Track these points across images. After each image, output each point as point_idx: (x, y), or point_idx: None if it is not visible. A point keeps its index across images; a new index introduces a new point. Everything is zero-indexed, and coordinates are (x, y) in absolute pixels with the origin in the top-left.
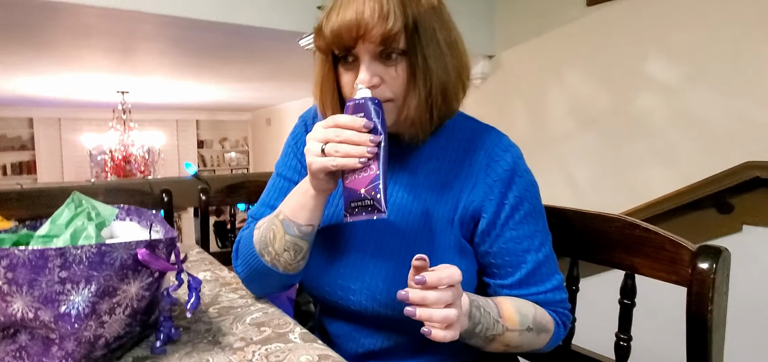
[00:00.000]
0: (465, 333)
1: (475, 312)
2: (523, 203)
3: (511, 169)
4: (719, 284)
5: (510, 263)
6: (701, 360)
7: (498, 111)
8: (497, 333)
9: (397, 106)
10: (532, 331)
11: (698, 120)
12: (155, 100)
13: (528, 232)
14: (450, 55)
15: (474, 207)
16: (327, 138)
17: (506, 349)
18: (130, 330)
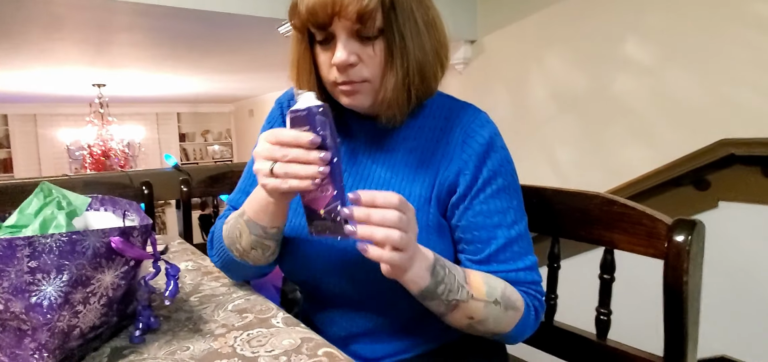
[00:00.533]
0: (427, 291)
1: (439, 270)
2: (496, 178)
3: (487, 143)
4: (694, 255)
5: (479, 237)
6: (678, 329)
7: (480, 96)
8: (461, 298)
9: (374, 87)
10: (499, 305)
11: (675, 99)
12: (134, 93)
13: (500, 207)
14: (427, 35)
15: (449, 182)
16: (273, 156)
17: (470, 324)
18: (106, 320)
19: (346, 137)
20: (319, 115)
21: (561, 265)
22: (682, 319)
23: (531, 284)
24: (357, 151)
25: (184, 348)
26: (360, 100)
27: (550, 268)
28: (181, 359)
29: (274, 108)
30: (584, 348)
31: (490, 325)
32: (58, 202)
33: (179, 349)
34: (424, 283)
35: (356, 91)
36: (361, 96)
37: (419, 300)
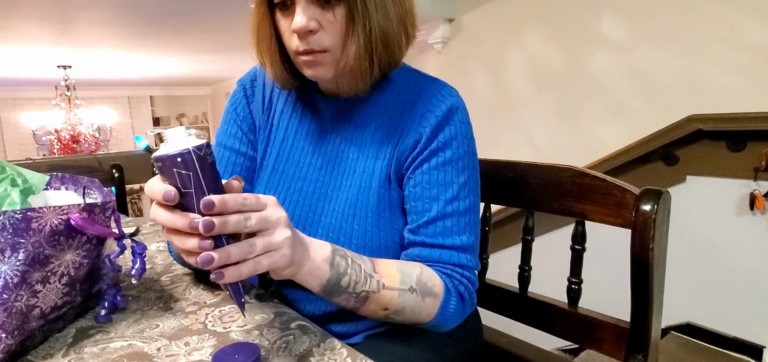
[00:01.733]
0: (329, 285)
1: (340, 261)
2: (445, 149)
3: (445, 114)
4: (660, 223)
5: (415, 209)
6: (643, 295)
7: (459, 75)
8: (371, 289)
9: (335, 57)
10: (415, 293)
11: (647, 76)
12: (103, 75)
13: (442, 180)
14: (391, 1)
15: (405, 154)
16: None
17: (386, 315)
18: (69, 299)
19: (313, 114)
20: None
21: (536, 240)
22: (648, 285)
23: (456, 266)
24: (325, 129)
25: (154, 326)
26: (322, 72)
27: (524, 241)
28: (150, 336)
29: (236, 89)
30: (556, 317)
31: (408, 314)
32: (11, 180)
33: (148, 327)
34: (324, 276)
35: (317, 62)
36: (323, 67)
37: (325, 297)
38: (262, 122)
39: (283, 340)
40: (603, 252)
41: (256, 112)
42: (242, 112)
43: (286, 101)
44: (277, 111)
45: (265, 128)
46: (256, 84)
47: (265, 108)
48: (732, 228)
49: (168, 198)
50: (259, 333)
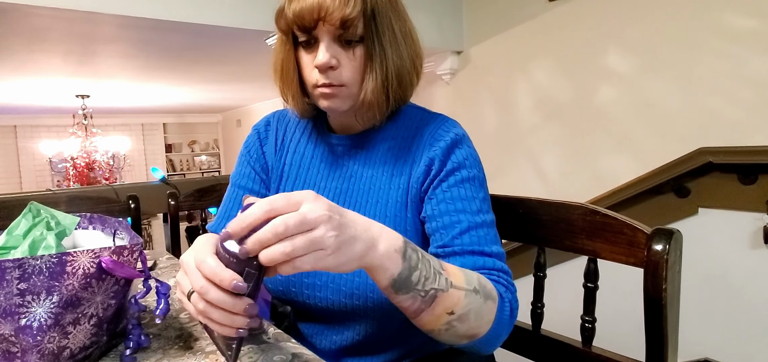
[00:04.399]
0: (400, 280)
1: (411, 254)
2: (460, 169)
3: (453, 140)
4: (672, 263)
5: (443, 224)
6: (658, 335)
7: (467, 106)
8: (440, 287)
9: (352, 92)
10: (480, 295)
11: (655, 109)
12: (118, 104)
13: (464, 195)
14: (404, 44)
15: (419, 180)
16: (194, 286)
17: (449, 322)
18: (96, 339)
19: (325, 151)
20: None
21: (549, 271)
22: (662, 325)
23: (501, 272)
24: (338, 164)
25: None
26: (337, 104)
27: (536, 277)
28: None
29: (251, 133)
30: (570, 356)
31: (472, 320)
32: (46, 222)
33: None
34: (397, 269)
35: (334, 95)
36: (339, 99)
37: (392, 295)
38: (275, 163)
39: None
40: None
41: (269, 154)
42: (256, 154)
43: (299, 142)
44: (289, 151)
45: (277, 168)
46: (270, 128)
47: (278, 149)
48: (746, 262)
49: (239, 289)
50: None
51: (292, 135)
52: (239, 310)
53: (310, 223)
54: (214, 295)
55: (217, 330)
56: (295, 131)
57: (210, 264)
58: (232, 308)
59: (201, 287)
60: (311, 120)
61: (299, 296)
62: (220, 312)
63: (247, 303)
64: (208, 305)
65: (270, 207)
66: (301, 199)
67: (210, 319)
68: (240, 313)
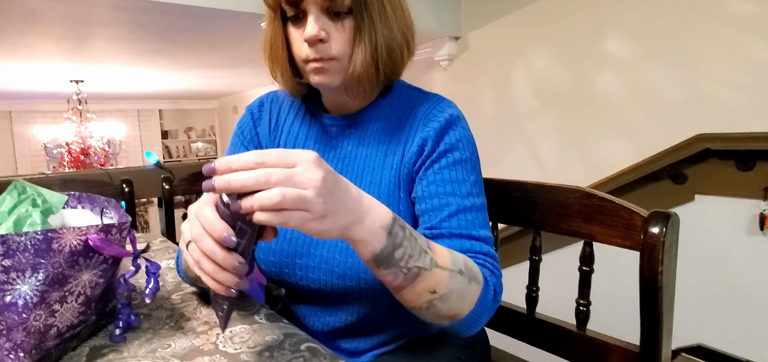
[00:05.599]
0: (382, 255)
1: (398, 231)
2: (452, 151)
3: (447, 121)
4: (669, 246)
5: (432, 206)
6: (653, 318)
7: (465, 92)
8: (424, 266)
9: (343, 65)
10: (464, 276)
11: (654, 95)
12: (114, 89)
13: (455, 178)
14: (394, 16)
15: (412, 160)
16: (191, 234)
17: (430, 301)
18: (84, 319)
19: (319, 131)
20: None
21: (543, 259)
22: (657, 308)
23: (487, 256)
24: (331, 145)
25: (166, 345)
26: (328, 78)
27: (532, 261)
28: (163, 357)
29: (244, 114)
30: (564, 339)
31: (454, 301)
32: (32, 200)
33: (160, 347)
34: (379, 245)
35: (325, 69)
36: (330, 74)
37: (374, 269)
38: (269, 143)
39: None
40: (611, 270)
41: (263, 134)
42: (249, 134)
43: (293, 122)
44: (283, 132)
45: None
46: (263, 109)
47: (272, 130)
48: (742, 248)
49: (227, 242)
50: (269, 355)
51: (286, 115)
52: (229, 266)
53: (302, 183)
54: (206, 245)
55: (208, 282)
56: (289, 112)
57: (206, 215)
58: (222, 262)
59: (196, 235)
60: (304, 101)
61: (292, 277)
62: (210, 264)
63: (237, 260)
64: (202, 255)
65: (261, 159)
66: (297, 160)
67: (202, 270)
68: (229, 269)
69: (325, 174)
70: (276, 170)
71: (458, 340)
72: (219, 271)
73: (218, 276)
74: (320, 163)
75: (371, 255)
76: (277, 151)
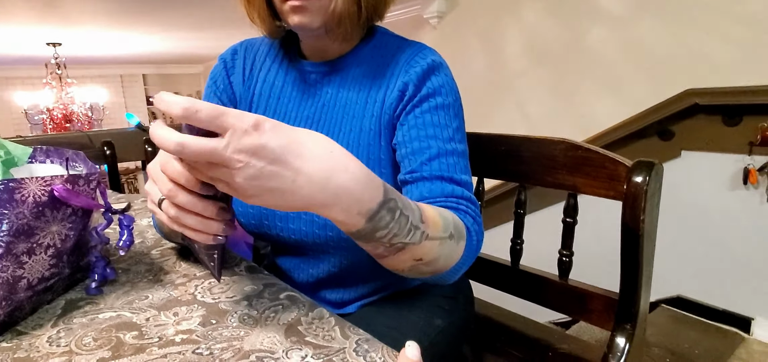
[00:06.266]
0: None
1: (383, 216)
2: (434, 96)
3: (429, 66)
4: (651, 194)
5: (412, 150)
6: (633, 265)
7: (455, 50)
8: (412, 241)
9: (322, 4)
10: (453, 239)
11: (644, 50)
12: (94, 53)
13: (436, 122)
14: None
15: (393, 105)
16: (162, 191)
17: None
18: (57, 271)
19: (297, 79)
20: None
21: (531, 218)
22: (638, 257)
23: (469, 202)
24: (310, 92)
25: (143, 297)
26: (309, 18)
27: (517, 214)
28: (140, 307)
29: (217, 64)
30: (547, 288)
31: (440, 263)
32: None
33: (138, 299)
34: (355, 228)
35: (304, 8)
36: (309, 14)
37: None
38: (243, 93)
39: (271, 310)
40: (598, 226)
41: (237, 83)
42: (222, 84)
43: (269, 70)
44: (259, 80)
45: (246, 98)
46: (237, 57)
47: (246, 79)
48: (725, 202)
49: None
50: (247, 304)
51: (261, 63)
52: (211, 214)
53: (220, 159)
54: (182, 198)
55: (192, 236)
56: (265, 59)
57: (175, 166)
58: (204, 211)
59: (168, 191)
60: (282, 47)
61: (272, 228)
62: (192, 218)
63: (218, 206)
64: (180, 210)
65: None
66: (230, 126)
67: (184, 226)
68: (213, 217)
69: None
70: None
71: (442, 291)
72: (202, 221)
73: (202, 226)
74: (253, 135)
75: (347, 232)
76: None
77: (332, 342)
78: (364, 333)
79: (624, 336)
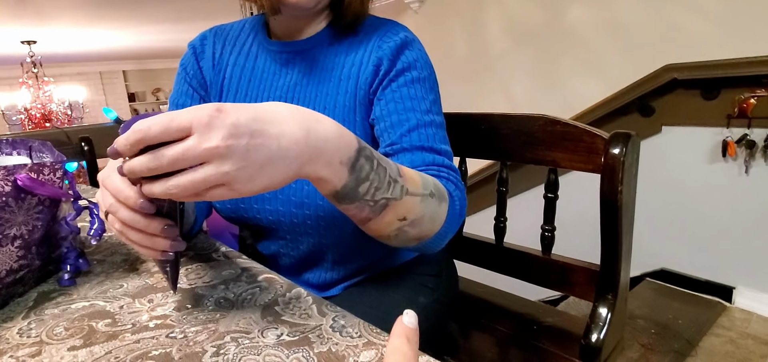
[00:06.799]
0: (343, 193)
1: (363, 164)
2: (410, 70)
3: (402, 41)
4: (629, 166)
5: (391, 123)
6: (612, 236)
7: (437, 34)
8: (393, 196)
9: None
10: (435, 198)
11: (623, 27)
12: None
13: (413, 95)
14: None
15: (368, 81)
16: (104, 205)
17: (400, 227)
18: (26, 263)
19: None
20: None
21: (516, 199)
22: (617, 228)
23: (450, 169)
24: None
25: (117, 286)
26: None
27: (499, 192)
28: (114, 296)
29: (186, 52)
30: (530, 264)
31: (425, 224)
32: None
33: (112, 288)
34: (340, 182)
35: None
36: None
37: (336, 204)
38: (214, 78)
39: (248, 292)
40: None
41: (207, 69)
42: (192, 70)
43: (239, 54)
44: (229, 65)
45: (216, 83)
46: (206, 42)
47: (216, 64)
48: (705, 175)
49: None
50: (224, 288)
51: (231, 48)
52: (156, 231)
53: (198, 157)
54: (124, 215)
55: (140, 252)
56: (235, 44)
57: (114, 181)
58: (147, 228)
59: (109, 206)
60: (252, 31)
61: (249, 212)
62: (136, 233)
63: (163, 223)
64: (124, 225)
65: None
66: (190, 123)
67: (129, 240)
68: (158, 234)
69: (228, 132)
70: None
71: (425, 269)
72: (146, 238)
73: (148, 242)
74: (221, 118)
75: (331, 193)
76: (160, 121)
77: (309, 320)
78: (342, 310)
79: (606, 306)
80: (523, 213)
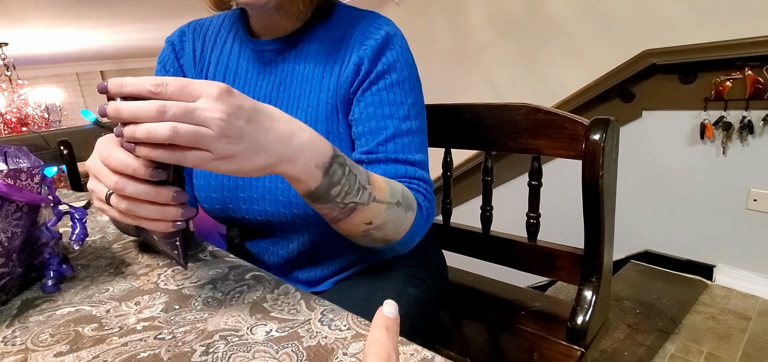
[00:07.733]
0: (316, 194)
1: (336, 169)
2: (390, 72)
3: (384, 39)
4: (609, 151)
5: (369, 129)
6: (595, 221)
7: (419, 26)
8: (361, 201)
9: None
10: (401, 207)
11: (603, 13)
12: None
13: (392, 101)
14: None
15: (349, 80)
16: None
17: (365, 230)
18: (7, 271)
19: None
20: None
21: (502, 188)
22: (599, 212)
23: (421, 181)
24: (264, 71)
25: (103, 290)
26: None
27: (485, 182)
28: (100, 300)
29: (164, 48)
30: (516, 250)
31: (389, 230)
32: None
33: (97, 292)
34: (314, 183)
35: None
36: None
37: (310, 203)
38: (195, 76)
39: (236, 291)
40: (566, 190)
41: (188, 66)
42: (172, 69)
43: (222, 51)
44: (211, 63)
45: None
46: (185, 39)
47: (197, 62)
48: (684, 157)
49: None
50: (212, 287)
51: (212, 45)
52: (167, 199)
53: (202, 120)
54: (132, 188)
55: (151, 227)
56: (216, 41)
57: (118, 156)
58: (157, 198)
59: (115, 184)
60: (233, 26)
61: (238, 211)
62: (146, 207)
63: (173, 190)
64: (131, 202)
65: (158, 88)
66: (201, 93)
67: (139, 218)
68: (168, 202)
69: (231, 110)
70: (174, 104)
71: (414, 261)
72: (158, 209)
73: (159, 214)
74: (228, 98)
75: (306, 192)
76: (177, 81)
77: (297, 315)
78: (330, 304)
79: (590, 289)
80: (509, 202)
